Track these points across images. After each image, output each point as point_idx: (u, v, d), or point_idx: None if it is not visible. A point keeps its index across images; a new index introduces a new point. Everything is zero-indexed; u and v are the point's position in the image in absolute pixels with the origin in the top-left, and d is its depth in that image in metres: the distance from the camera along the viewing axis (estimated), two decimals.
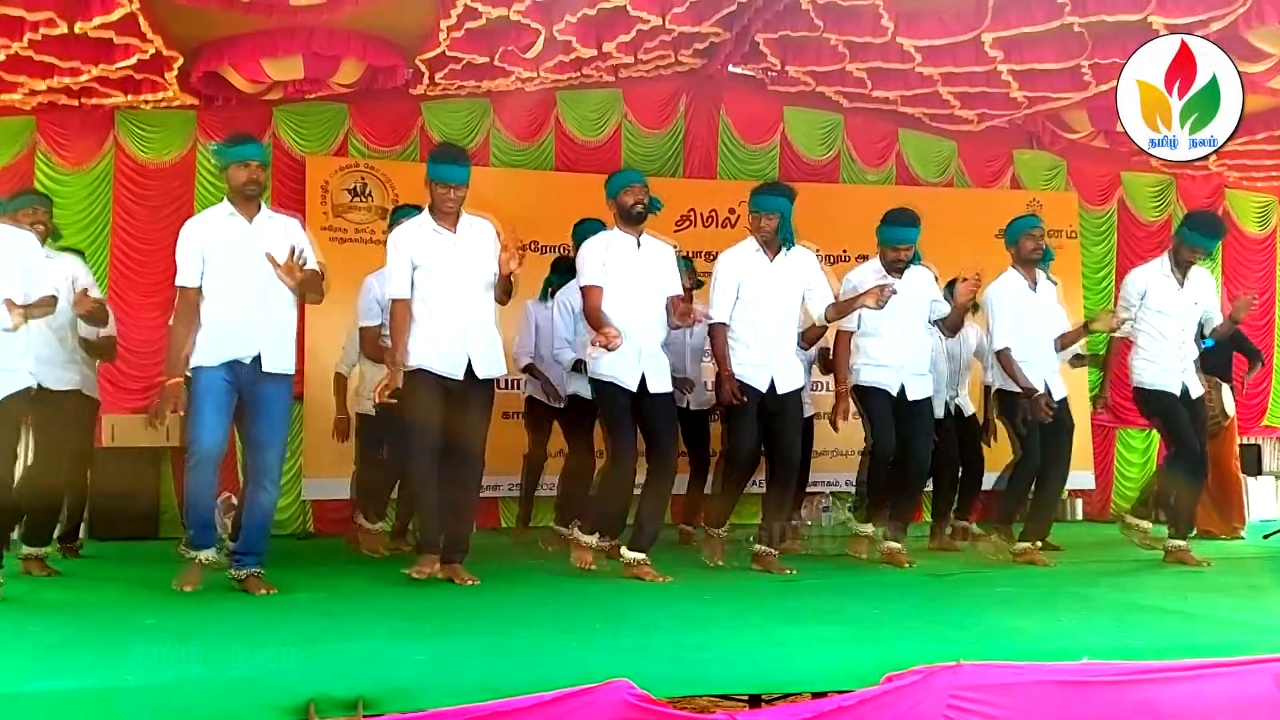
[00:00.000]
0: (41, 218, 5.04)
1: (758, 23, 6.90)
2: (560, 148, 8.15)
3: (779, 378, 4.93)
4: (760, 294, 4.91)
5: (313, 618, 3.81)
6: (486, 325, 4.52)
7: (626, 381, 4.66)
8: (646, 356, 4.70)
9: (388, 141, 7.77)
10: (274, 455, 4.30)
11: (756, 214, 4.92)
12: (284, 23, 6.18)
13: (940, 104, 7.90)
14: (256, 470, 4.30)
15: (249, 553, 4.28)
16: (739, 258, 4.97)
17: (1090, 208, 9.08)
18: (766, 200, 4.93)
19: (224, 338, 4.22)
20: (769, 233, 4.90)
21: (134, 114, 7.28)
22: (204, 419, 4.18)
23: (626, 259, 4.72)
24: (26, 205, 5.05)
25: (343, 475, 6.59)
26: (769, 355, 4.92)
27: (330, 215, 7.42)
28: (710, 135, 8.44)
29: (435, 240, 4.47)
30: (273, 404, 4.27)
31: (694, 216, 8.12)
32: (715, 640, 3.34)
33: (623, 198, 4.73)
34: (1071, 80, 7.09)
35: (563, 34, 6.47)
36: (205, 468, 4.19)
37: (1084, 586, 4.73)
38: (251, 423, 4.28)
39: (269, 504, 4.32)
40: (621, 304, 4.66)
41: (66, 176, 7.19)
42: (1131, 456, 9.12)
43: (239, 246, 4.24)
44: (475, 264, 4.48)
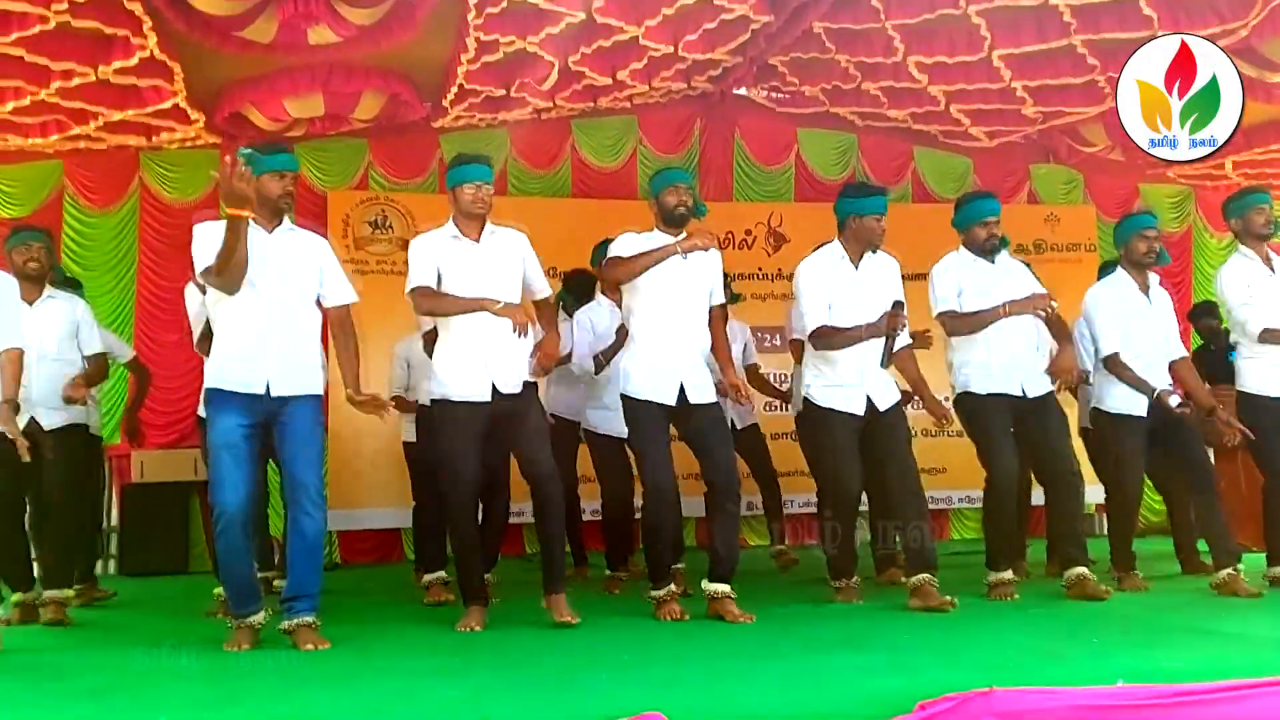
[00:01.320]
0: (36, 254, 4.85)
1: (770, 48, 6.95)
2: (576, 175, 8.22)
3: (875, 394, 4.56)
4: (849, 303, 4.54)
5: (343, 654, 3.81)
6: (510, 338, 4.11)
7: (663, 397, 4.32)
8: (687, 368, 4.37)
9: (407, 174, 7.86)
10: (304, 468, 3.89)
11: (860, 216, 4.56)
12: (304, 61, 6.28)
13: (954, 121, 7.92)
14: (292, 490, 3.91)
15: (300, 595, 3.86)
16: (824, 266, 4.61)
17: (1109, 220, 8.98)
18: (877, 202, 4.59)
19: (234, 361, 3.86)
20: (879, 235, 4.57)
21: (158, 155, 7.40)
22: (224, 476, 3.77)
23: (666, 261, 4.32)
24: (19, 243, 4.87)
25: (369, 505, 6.63)
26: (861, 373, 4.55)
27: (352, 248, 7.49)
28: (725, 158, 8.48)
29: (455, 247, 4.23)
30: (296, 420, 3.89)
31: None
32: (746, 670, 3.34)
33: (665, 197, 4.42)
34: (1086, 95, 7.09)
35: (577, 65, 6.55)
36: (233, 530, 3.77)
37: (1117, 606, 4.65)
38: (279, 444, 3.93)
39: (312, 530, 3.88)
40: (658, 309, 4.35)
41: (94, 218, 7.32)
42: None
43: (258, 259, 3.82)
44: (499, 273, 4.22)
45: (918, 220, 7.64)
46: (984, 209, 4.87)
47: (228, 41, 5.77)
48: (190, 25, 5.53)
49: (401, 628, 4.50)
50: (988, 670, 3.09)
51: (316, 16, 5.51)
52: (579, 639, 4.09)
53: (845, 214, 4.65)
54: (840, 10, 6.36)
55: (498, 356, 4.17)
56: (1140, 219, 5.26)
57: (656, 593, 4.37)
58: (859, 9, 6.28)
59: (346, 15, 5.59)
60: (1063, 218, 8.70)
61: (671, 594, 4.36)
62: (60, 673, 3.65)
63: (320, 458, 4.16)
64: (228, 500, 3.76)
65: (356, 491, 7.02)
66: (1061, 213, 8.78)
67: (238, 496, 3.76)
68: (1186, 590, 5.21)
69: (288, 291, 3.91)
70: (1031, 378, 4.78)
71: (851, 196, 4.69)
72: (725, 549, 4.35)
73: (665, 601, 4.34)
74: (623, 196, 8.01)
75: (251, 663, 3.67)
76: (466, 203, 4.22)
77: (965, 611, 4.47)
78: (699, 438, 4.40)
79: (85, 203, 7.36)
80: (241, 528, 3.79)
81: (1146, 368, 4.97)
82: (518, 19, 6.03)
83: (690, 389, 4.36)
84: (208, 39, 5.69)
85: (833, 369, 4.57)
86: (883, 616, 4.48)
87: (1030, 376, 4.77)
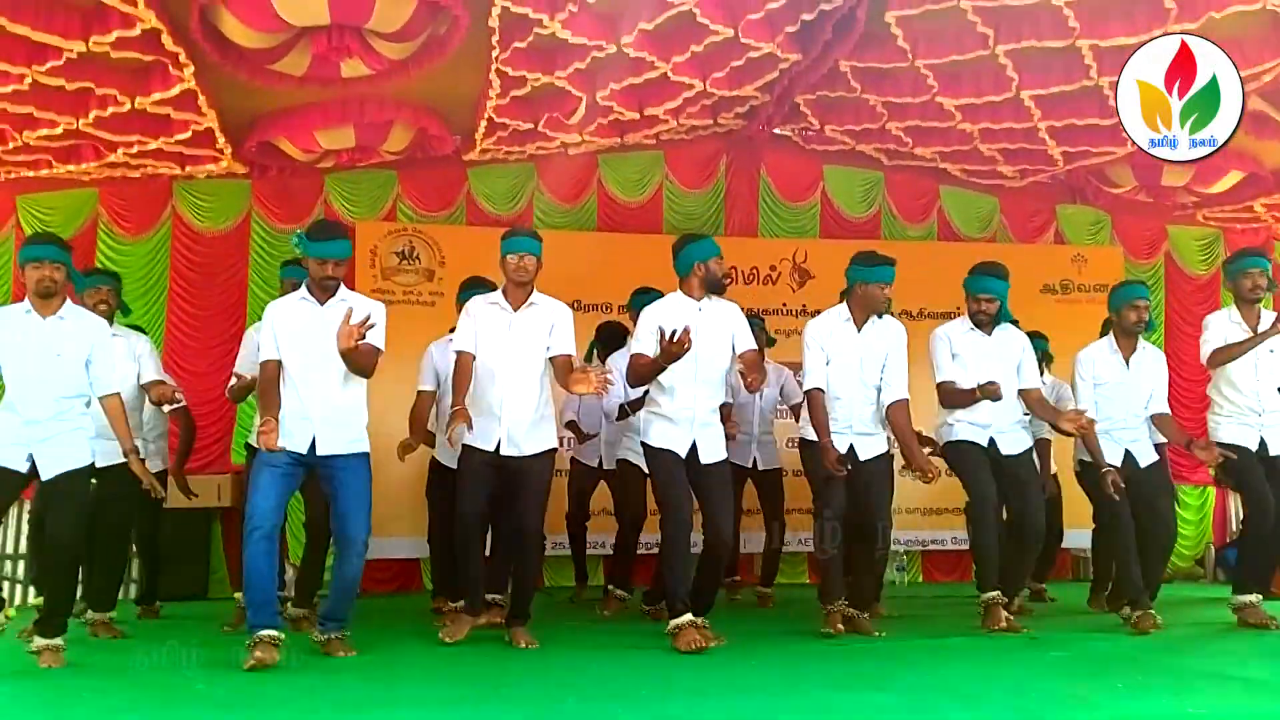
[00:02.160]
0: (106, 296, 5.23)
1: (797, 86, 6.99)
2: (603, 209, 8.27)
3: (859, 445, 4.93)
4: (847, 363, 4.93)
5: (362, 683, 3.82)
6: (525, 405, 4.59)
7: (676, 448, 4.63)
8: (699, 425, 4.66)
9: (435, 206, 7.94)
10: (355, 526, 4.32)
11: (867, 284, 4.90)
12: (336, 94, 6.37)
13: (981, 160, 7.93)
14: (341, 540, 4.37)
15: (332, 618, 4.42)
16: (828, 327, 4.98)
17: (1136, 262, 8.99)
18: (884, 271, 4.91)
19: (300, 425, 4.27)
20: (883, 303, 4.93)
21: (191, 184, 7.52)
22: (262, 487, 4.20)
23: (686, 322, 4.48)
24: (90, 286, 5.21)
25: (392, 534, 6.63)
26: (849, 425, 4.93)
27: (379, 278, 7.56)
28: (751, 194, 8.52)
29: (491, 313, 4.66)
30: (347, 478, 4.31)
31: (735, 274, 8.15)
32: (765, 707, 3.32)
33: (712, 266, 4.70)
34: (1113, 136, 7.08)
35: (605, 100, 6.61)
36: (259, 539, 4.14)
37: (1140, 651, 4.60)
38: (332, 498, 4.38)
39: (353, 574, 4.37)
40: (675, 371, 4.58)
41: (126, 246, 7.42)
42: (1186, 514, 8.92)
43: (308, 329, 4.31)
44: (523, 345, 4.61)
45: (942, 259, 7.66)
46: (1135, 292, 5.40)
47: (261, 74, 5.88)
48: (225, 57, 5.64)
49: (420, 657, 4.49)
50: (1009, 712, 3.06)
51: (350, 50, 5.60)
52: (598, 670, 4.08)
53: (853, 280, 4.97)
54: (867, 49, 6.40)
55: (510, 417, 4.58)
56: (1133, 289, 5.51)
57: (677, 621, 4.45)
58: (886, 48, 6.32)
59: (380, 49, 5.68)
60: (1090, 258, 8.66)
61: (691, 624, 4.44)
62: (78, 697, 3.67)
63: (369, 513, 4.44)
64: (260, 507, 4.17)
65: (376, 521, 6.99)
66: (1089, 253, 8.75)
67: (268, 504, 4.18)
68: (1208, 632, 5.17)
69: (336, 362, 4.28)
70: (1008, 440, 5.18)
71: (860, 264, 4.98)
72: (708, 587, 4.65)
73: (683, 631, 4.41)
74: (648, 231, 8.06)
75: (264, 689, 3.68)
76: (509, 271, 4.63)
77: (986, 653, 4.43)
78: (702, 493, 4.69)
79: (118, 230, 7.47)
80: (267, 539, 4.16)
81: (1121, 429, 5.35)
82: (546, 54, 6.11)
83: (701, 446, 4.65)
84: (241, 71, 5.79)
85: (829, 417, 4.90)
86: (902, 655, 4.45)
87: (1007, 439, 5.18)
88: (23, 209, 7.33)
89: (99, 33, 5.29)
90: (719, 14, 5.83)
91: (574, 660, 4.34)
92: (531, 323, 4.65)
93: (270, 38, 5.51)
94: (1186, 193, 8.00)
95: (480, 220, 7.93)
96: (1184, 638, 5.10)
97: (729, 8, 5.85)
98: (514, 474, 4.61)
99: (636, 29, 5.82)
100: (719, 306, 4.75)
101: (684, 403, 4.63)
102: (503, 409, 4.58)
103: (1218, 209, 8.51)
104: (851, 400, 4.91)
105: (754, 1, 5.74)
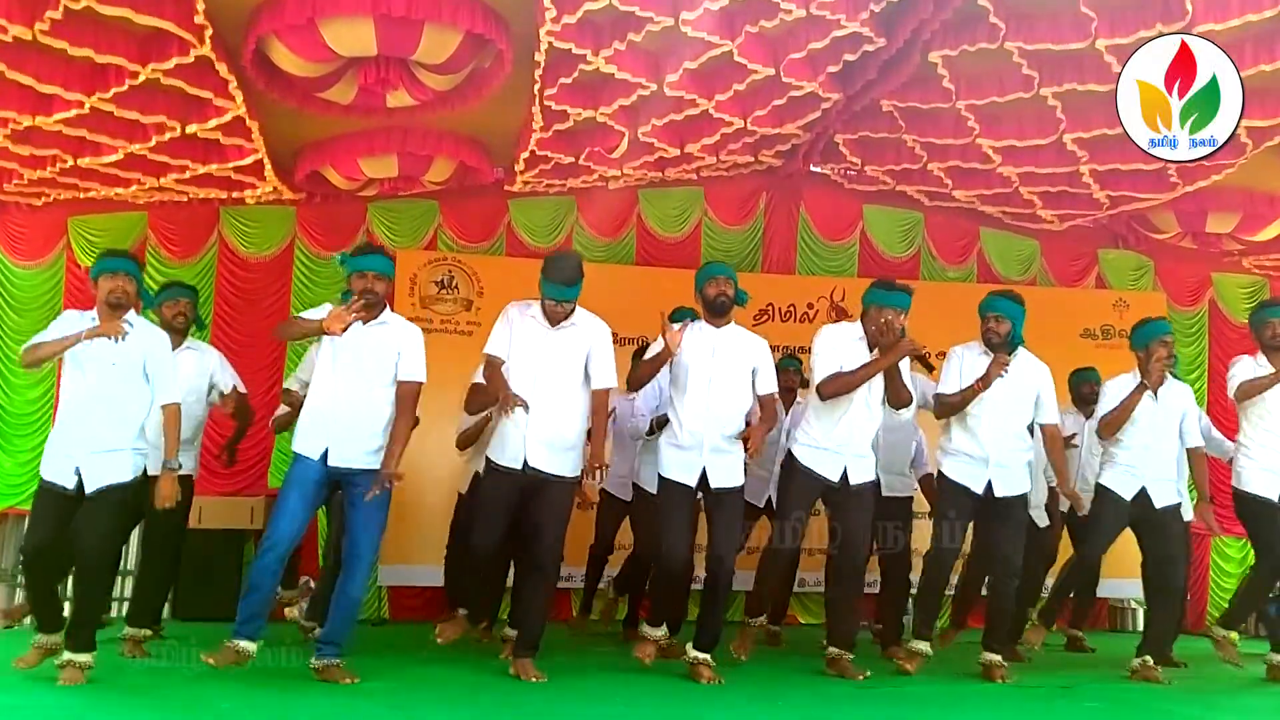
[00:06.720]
0: (184, 309, 5.30)
1: (839, 124, 7.01)
2: (641, 243, 8.32)
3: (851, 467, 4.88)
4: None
5: (384, 709, 3.83)
6: (555, 425, 4.51)
7: (685, 478, 4.65)
8: (709, 450, 4.66)
9: (476, 237, 8.03)
10: (364, 545, 4.32)
11: (881, 307, 4.85)
12: (381, 123, 6.49)
13: (1022, 204, 7.89)
14: (348, 557, 4.37)
15: (329, 643, 4.32)
16: (842, 337, 4.98)
17: (1180, 308, 8.89)
18: (899, 298, 4.88)
19: (315, 429, 4.33)
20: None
21: (237, 209, 7.66)
22: (286, 504, 4.25)
23: (703, 349, 4.71)
24: (169, 298, 5.30)
25: (419, 561, 6.65)
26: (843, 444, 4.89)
27: (418, 306, 7.63)
28: (789, 232, 8.53)
29: (530, 326, 4.59)
30: (361, 496, 4.27)
31: (772, 311, 8.17)
32: None
33: (706, 289, 4.80)
34: (1157, 182, 7.04)
35: (647, 136, 6.67)
36: (272, 555, 4.21)
37: (1174, 704, 4.52)
38: (348, 510, 4.38)
39: (354, 595, 4.35)
40: (689, 398, 4.68)
41: (173, 269, 7.51)
42: (1228, 566, 8.74)
43: (347, 345, 4.34)
44: (559, 362, 4.55)
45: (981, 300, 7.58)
46: (1164, 328, 5.40)
47: (309, 102, 6.00)
48: (272, 85, 5.76)
49: (442, 684, 4.49)
50: None
51: (396, 82, 5.71)
52: (612, 705, 4.06)
53: (869, 303, 4.98)
54: (910, 90, 6.42)
55: (538, 435, 4.49)
56: (1161, 325, 5.48)
57: (651, 631, 4.74)
58: (929, 89, 6.33)
59: (425, 80, 5.78)
60: (1132, 303, 8.57)
61: (655, 640, 4.73)
62: (107, 715, 3.69)
63: (381, 533, 4.45)
64: (282, 530, 4.22)
65: (406, 548, 7.04)
66: (1131, 298, 8.66)
67: (290, 529, 4.24)
68: (1249, 689, 5.09)
69: (362, 378, 4.35)
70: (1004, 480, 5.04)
71: (878, 288, 5.00)
72: (709, 620, 4.69)
73: (644, 641, 4.72)
74: (686, 266, 8.06)
75: (288, 712, 3.69)
76: (547, 309, 4.59)
77: (1015, 700, 4.39)
78: (709, 519, 4.76)
79: (166, 254, 7.61)
80: (280, 559, 4.24)
81: (1142, 459, 5.27)
82: (590, 90, 6.18)
83: (712, 472, 4.67)
84: (289, 98, 5.91)
85: (824, 433, 4.86)
86: (928, 701, 4.39)
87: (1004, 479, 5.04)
88: (74, 230, 7.52)
89: (157, 60, 5.40)
90: (761, 54, 5.86)
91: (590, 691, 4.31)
92: (568, 342, 4.59)
93: (319, 67, 5.61)
94: (1231, 240, 7.91)
95: (520, 252, 8.00)
96: (1220, 690, 5.05)
97: (771, 48, 5.89)
98: (536, 494, 4.52)
99: (682, 69, 5.86)
100: (742, 338, 4.79)
101: (694, 428, 4.65)
102: (530, 425, 4.49)
103: (1264, 257, 8.40)
104: (852, 420, 4.85)
105: (796, 41, 5.78)
